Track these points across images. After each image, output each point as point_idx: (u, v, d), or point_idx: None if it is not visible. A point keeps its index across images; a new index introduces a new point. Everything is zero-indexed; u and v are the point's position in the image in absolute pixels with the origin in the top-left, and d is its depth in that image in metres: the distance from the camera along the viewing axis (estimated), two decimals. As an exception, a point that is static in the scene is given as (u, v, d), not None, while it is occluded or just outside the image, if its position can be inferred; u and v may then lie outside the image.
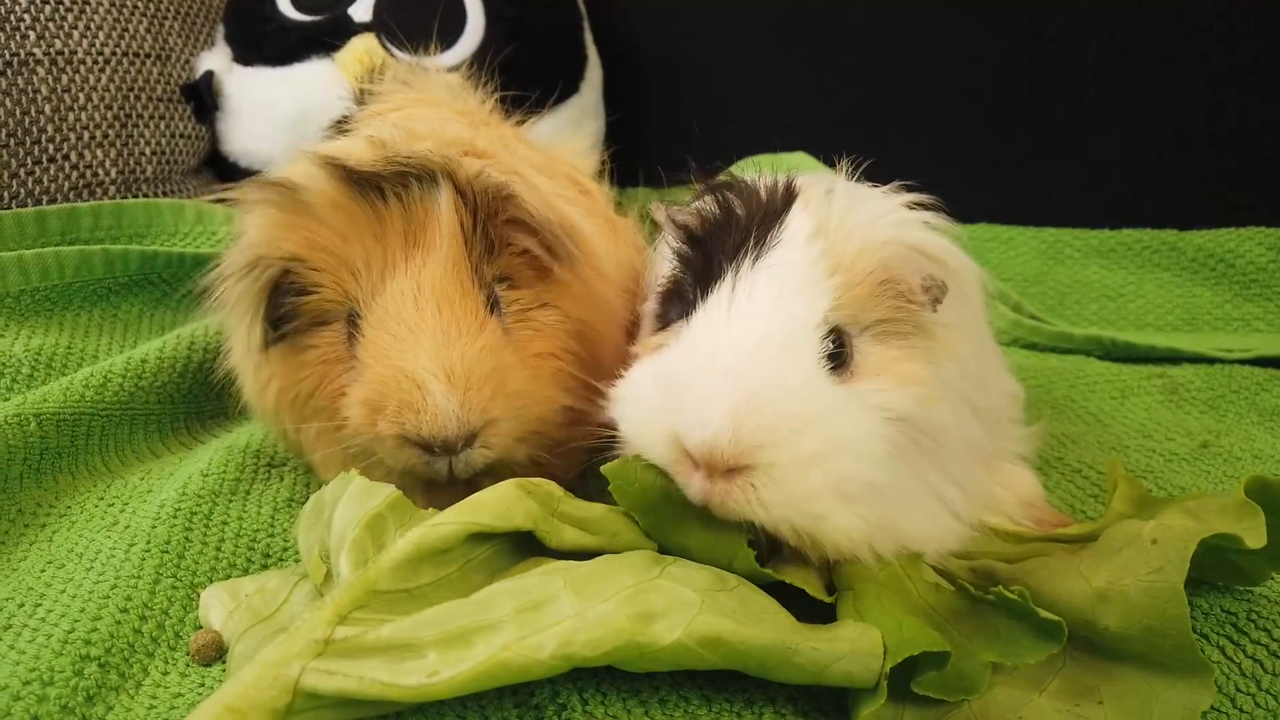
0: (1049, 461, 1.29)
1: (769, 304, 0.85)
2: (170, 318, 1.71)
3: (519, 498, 0.85)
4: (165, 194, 2.09)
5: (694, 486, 0.82)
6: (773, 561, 0.87)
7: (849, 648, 0.75)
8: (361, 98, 1.32)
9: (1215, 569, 0.87)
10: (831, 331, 0.86)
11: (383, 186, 0.94)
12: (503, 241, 0.99)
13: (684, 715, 0.80)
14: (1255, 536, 0.76)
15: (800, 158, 2.17)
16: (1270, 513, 0.79)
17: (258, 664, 0.73)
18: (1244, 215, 1.87)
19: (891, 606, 0.80)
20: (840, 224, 0.91)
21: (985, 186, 2.14)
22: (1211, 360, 1.62)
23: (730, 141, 2.37)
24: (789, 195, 0.95)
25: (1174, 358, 1.65)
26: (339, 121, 1.33)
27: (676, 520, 0.85)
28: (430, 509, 0.89)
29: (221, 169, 2.28)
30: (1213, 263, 1.84)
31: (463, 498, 0.86)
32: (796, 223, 0.91)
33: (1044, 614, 0.76)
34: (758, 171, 1.09)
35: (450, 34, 2.14)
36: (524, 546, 0.87)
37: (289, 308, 0.99)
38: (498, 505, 0.84)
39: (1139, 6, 1.98)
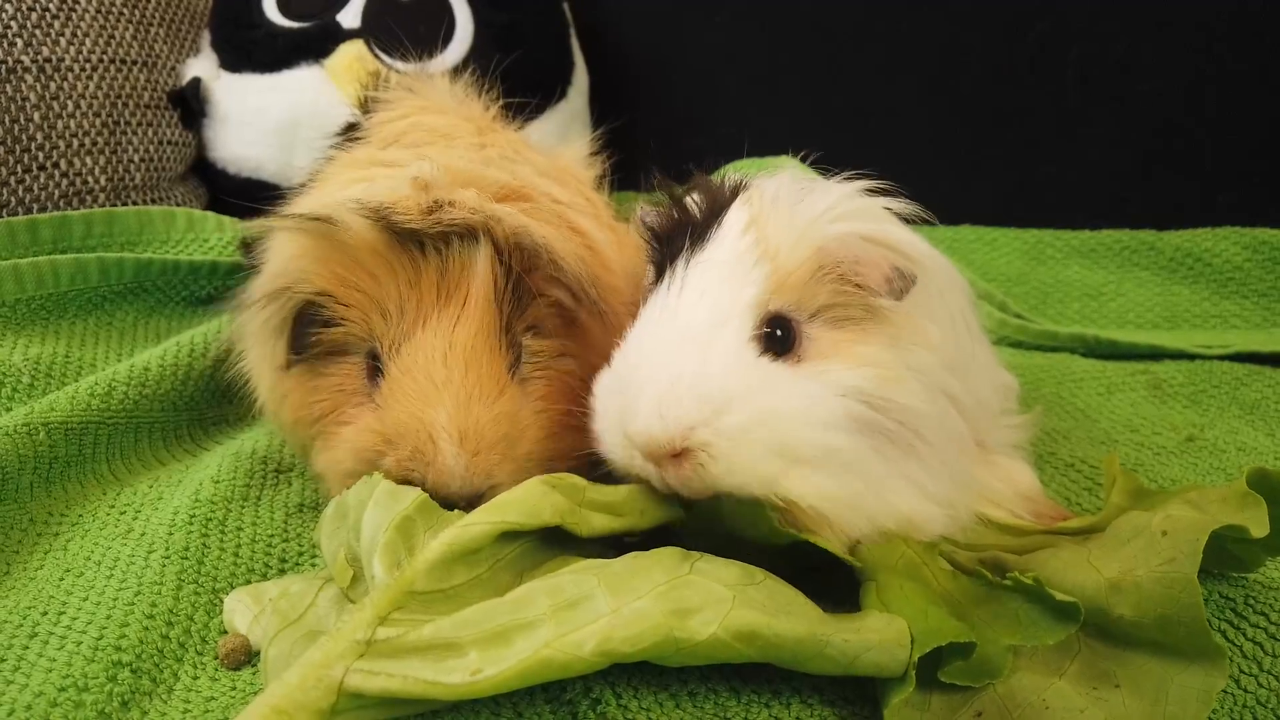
0: (1042, 457, 1.33)
1: (696, 296, 0.90)
2: (165, 325, 1.72)
3: (545, 493, 0.87)
4: (153, 201, 2.09)
5: (654, 478, 0.87)
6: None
7: (877, 638, 0.77)
8: (368, 105, 1.33)
9: (1211, 557, 0.90)
10: (774, 318, 0.90)
11: (424, 241, 0.96)
12: (535, 293, 1.02)
13: (714, 706, 0.82)
14: (1259, 526, 0.79)
15: (785, 162, 2.20)
16: (1270, 502, 0.82)
17: (301, 665, 0.74)
18: (1220, 215, 1.92)
19: (914, 596, 0.83)
20: (773, 215, 0.94)
21: (969, 189, 2.19)
22: (1192, 356, 1.66)
23: (717, 146, 2.39)
24: (732, 194, 0.99)
25: (1156, 354, 1.70)
26: (348, 128, 1.34)
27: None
28: (456, 510, 0.91)
29: (208, 176, 2.28)
30: (1190, 261, 1.89)
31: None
32: (733, 217, 0.95)
33: (1060, 596, 0.79)
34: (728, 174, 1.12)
35: (439, 40, 2.15)
36: (550, 542, 0.89)
37: (314, 337, 1.00)
38: (525, 503, 0.85)
39: (1119, 13, 2.03)
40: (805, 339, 0.90)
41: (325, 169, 1.21)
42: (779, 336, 0.89)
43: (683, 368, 0.85)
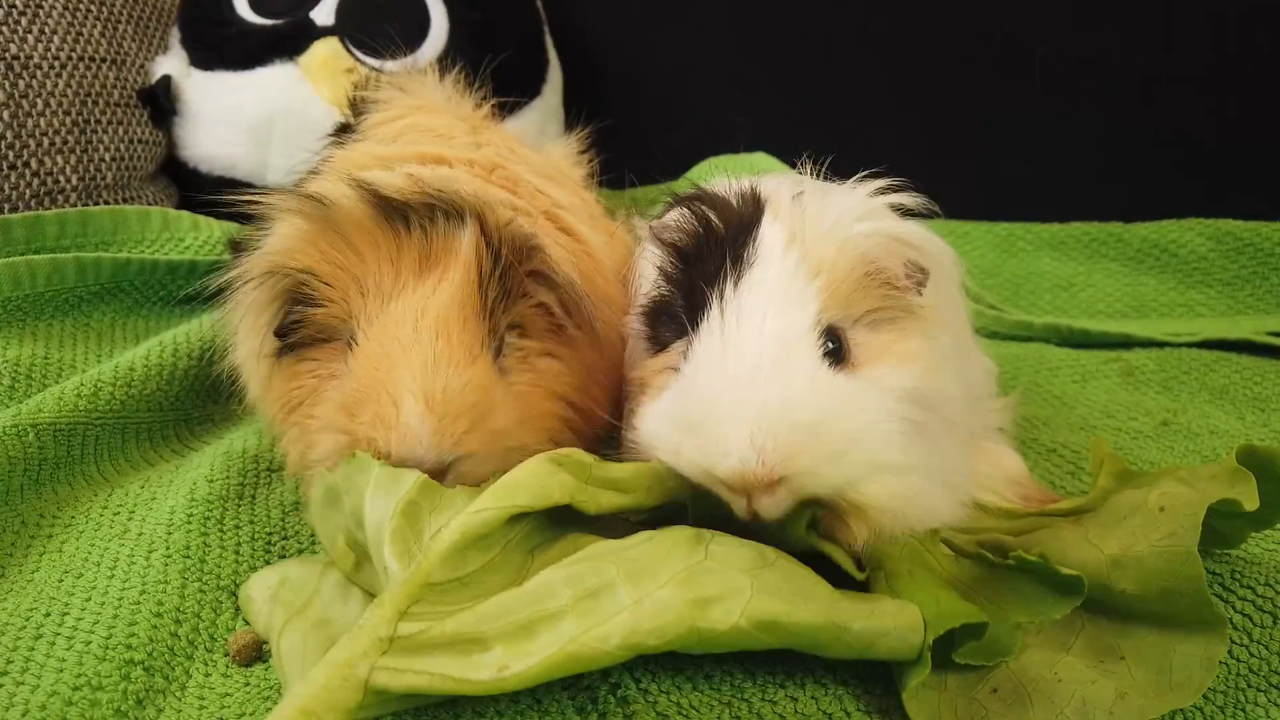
0: (1024, 443, 1.36)
1: (758, 323, 0.88)
2: (144, 325, 1.69)
3: (552, 472, 0.87)
4: (125, 200, 2.06)
5: (740, 508, 0.85)
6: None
7: (892, 623, 0.79)
8: (358, 105, 1.32)
9: (1196, 535, 0.94)
10: (826, 330, 0.90)
11: (409, 215, 0.95)
12: (520, 291, 1.01)
13: (731, 689, 0.84)
14: (1251, 499, 0.81)
15: (760, 158, 2.22)
16: (1257, 478, 0.85)
17: (326, 665, 0.74)
18: (1185, 207, 1.96)
19: (925, 582, 0.85)
20: (813, 228, 0.94)
21: (941, 184, 2.20)
22: (1162, 344, 1.71)
23: (691, 143, 2.42)
24: (757, 206, 0.98)
25: (1127, 342, 1.74)
26: (340, 129, 1.33)
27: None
28: (459, 489, 0.89)
29: (178, 175, 2.25)
30: (1157, 253, 1.94)
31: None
32: (769, 235, 0.93)
33: (1064, 571, 0.81)
34: (724, 177, 1.12)
35: (414, 37, 2.14)
36: (557, 517, 0.89)
37: (298, 317, 0.99)
38: (533, 485, 0.86)
39: (1083, 12, 2.08)
40: (853, 345, 0.91)
41: (322, 168, 1.20)
42: (833, 349, 0.89)
43: (769, 398, 0.83)
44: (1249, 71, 1.96)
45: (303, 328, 1.00)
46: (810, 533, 0.88)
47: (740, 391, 0.84)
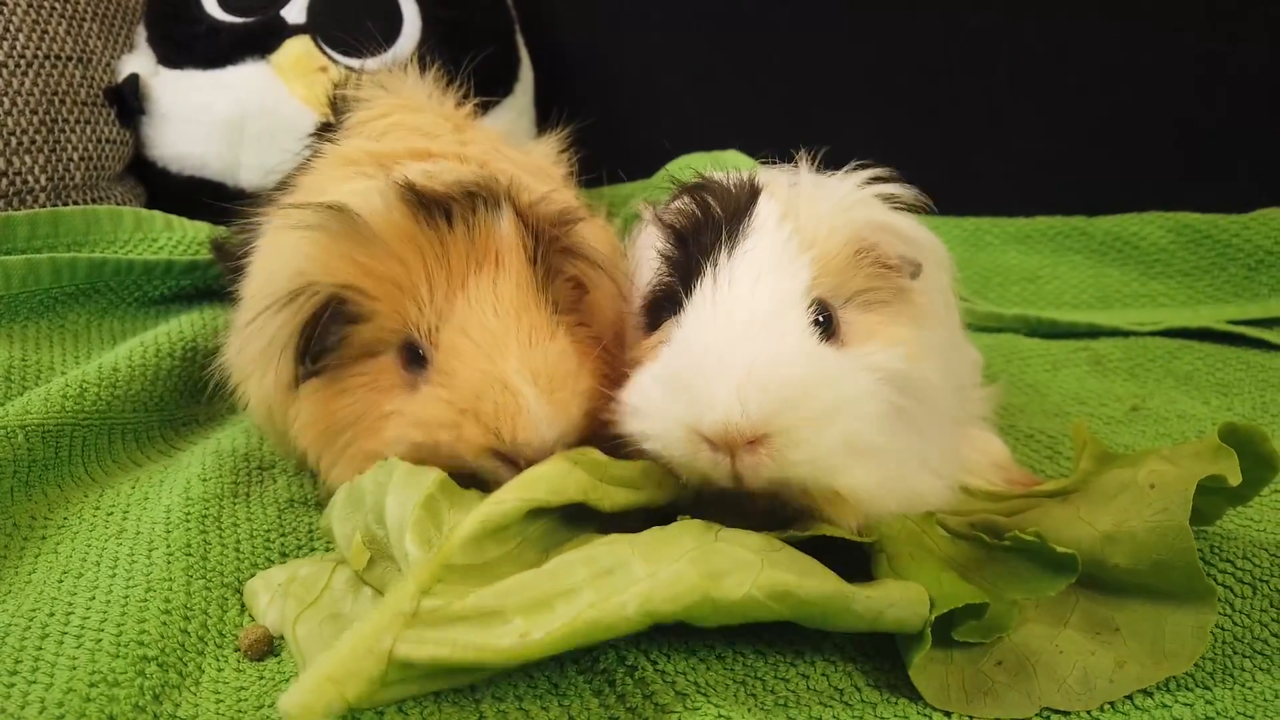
0: (1002, 429, 1.39)
1: (750, 285, 0.90)
2: (119, 326, 1.68)
3: (569, 470, 0.89)
4: (94, 201, 2.03)
5: (722, 469, 0.85)
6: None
7: (899, 595, 0.82)
8: (339, 104, 1.32)
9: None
10: (816, 303, 0.92)
11: (450, 211, 0.94)
12: (555, 269, 1.02)
13: (743, 668, 0.86)
14: (1234, 474, 0.85)
15: (733, 155, 2.25)
16: (1238, 455, 0.89)
17: (351, 636, 0.75)
18: (1146, 201, 2.02)
19: (926, 563, 0.88)
20: (807, 206, 0.97)
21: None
22: (1127, 333, 1.77)
23: (664, 140, 2.43)
24: (754, 189, 1.01)
25: (1094, 332, 1.80)
26: (321, 129, 1.33)
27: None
28: (472, 490, 0.92)
29: (145, 175, 2.22)
30: (1120, 245, 1.99)
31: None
32: (765, 211, 0.96)
33: (1059, 549, 0.84)
34: (710, 170, 1.15)
35: (386, 36, 2.14)
36: (571, 519, 0.91)
37: (336, 337, 0.96)
38: (552, 480, 0.87)
39: (1048, 11, 2.13)
40: (843, 323, 0.93)
41: (311, 164, 1.20)
42: (821, 323, 0.91)
43: (757, 355, 0.84)
44: (1210, 70, 2.03)
45: (340, 347, 0.97)
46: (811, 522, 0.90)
47: (729, 348, 0.85)
